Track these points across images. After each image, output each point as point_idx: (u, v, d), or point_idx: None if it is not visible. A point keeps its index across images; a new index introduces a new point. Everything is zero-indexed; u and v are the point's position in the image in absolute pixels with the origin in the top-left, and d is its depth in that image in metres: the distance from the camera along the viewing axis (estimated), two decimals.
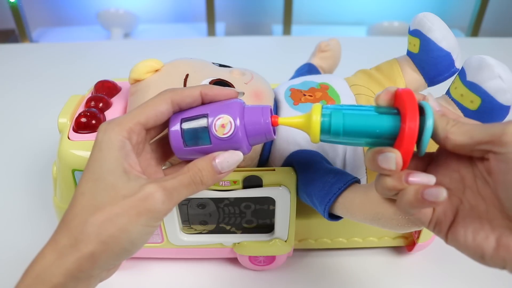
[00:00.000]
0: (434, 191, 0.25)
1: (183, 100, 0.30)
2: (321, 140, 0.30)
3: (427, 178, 0.27)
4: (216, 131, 0.30)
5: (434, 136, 0.27)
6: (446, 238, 0.28)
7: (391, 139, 0.28)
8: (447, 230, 0.27)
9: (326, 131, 0.29)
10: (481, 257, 0.26)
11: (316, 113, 0.29)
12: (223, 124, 0.30)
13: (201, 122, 0.30)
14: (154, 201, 0.27)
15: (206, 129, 0.30)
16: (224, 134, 0.30)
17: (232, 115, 0.30)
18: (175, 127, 0.30)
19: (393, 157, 0.27)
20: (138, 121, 0.29)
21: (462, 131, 0.26)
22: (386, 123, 0.28)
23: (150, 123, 0.29)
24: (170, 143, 0.31)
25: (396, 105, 0.29)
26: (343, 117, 0.29)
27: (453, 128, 0.27)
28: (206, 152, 0.30)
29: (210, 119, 0.30)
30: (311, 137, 0.30)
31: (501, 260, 0.25)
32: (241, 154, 0.30)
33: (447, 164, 0.29)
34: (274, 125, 0.31)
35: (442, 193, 0.25)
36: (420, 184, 0.26)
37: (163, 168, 0.33)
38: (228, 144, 0.30)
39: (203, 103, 0.31)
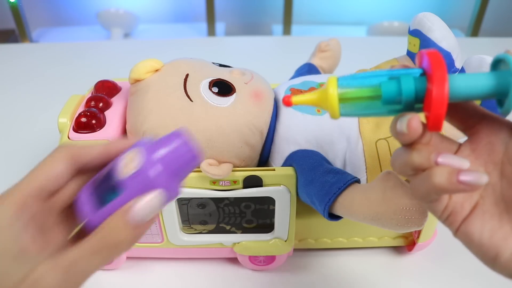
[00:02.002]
0: (474, 175, 0.22)
1: (82, 158, 0.26)
2: (341, 115, 0.27)
3: (460, 162, 0.24)
4: (121, 173, 0.24)
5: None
6: (457, 231, 0.26)
7: (416, 103, 0.25)
8: (460, 222, 0.25)
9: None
10: (493, 258, 0.24)
11: (332, 86, 0.26)
12: (126, 163, 0.24)
13: (105, 175, 0.25)
14: (44, 285, 0.23)
15: (111, 179, 0.25)
16: (130, 171, 0.24)
17: (134, 148, 0.25)
18: (77, 195, 0.26)
19: (406, 118, 0.24)
20: (31, 190, 0.24)
21: None
22: (409, 85, 0.25)
23: (47, 189, 0.25)
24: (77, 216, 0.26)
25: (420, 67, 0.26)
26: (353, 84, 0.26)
27: None
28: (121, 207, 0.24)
29: (113, 168, 0.25)
30: (330, 112, 0.27)
31: None
32: (161, 193, 0.24)
33: (480, 151, 0.26)
34: (288, 105, 0.28)
35: (483, 178, 0.22)
36: (451, 166, 0.23)
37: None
38: (141, 184, 0.24)
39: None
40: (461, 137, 0.29)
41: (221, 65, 0.46)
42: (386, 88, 0.26)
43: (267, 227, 0.45)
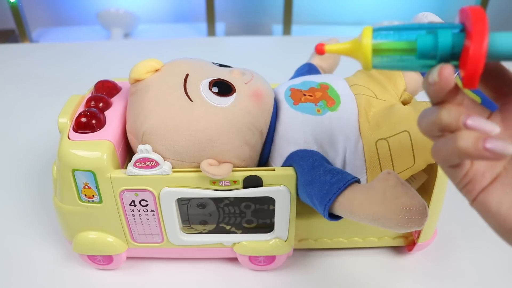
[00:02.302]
0: (501, 144, 0.21)
1: None
2: (373, 66, 0.27)
3: (490, 126, 0.23)
4: None
5: None
6: (474, 200, 0.25)
7: (452, 60, 0.25)
8: (478, 192, 0.25)
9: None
10: (510, 230, 0.23)
11: (366, 36, 0.26)
12: None
13: None
14: None
15: None
16: None
17: None
18: None
19: (438, 67, 0.23)
20: None
21: None
22: (446, 39, 0.24)
23: None
24: None
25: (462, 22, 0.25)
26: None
27: None
28: None
29: None
30: (363, 62, 0.26)
31: None
32: None
33: (510, 122, 0.25)
34: (321, 53, 0.28)
35: (510, 148, 0.21)
36: (480, 130, 0.23)
37: None
38: None
39: None
40: None
41: (221, 65, 0.46)
42: (422, 41, 0.25)
43: (267, 227, 0.45)
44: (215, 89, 0.41)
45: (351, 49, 0.27)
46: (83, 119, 0.42)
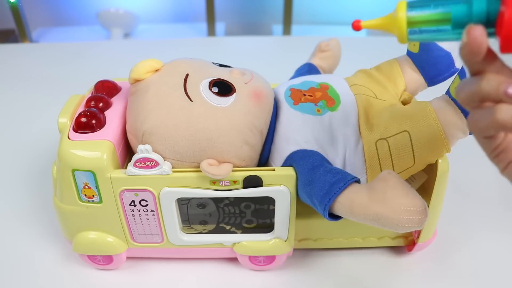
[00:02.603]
0: None
1: None
2: (409, 40, 0.28)
3: None
4: None
5: None
6: (505, 169, 0.25)
7: (488, 28, 0.25)
8: (509, 161, 0.25)
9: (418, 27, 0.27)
10: None
11: (401, 10, 0.27)
12: None
13: None
14: None
15: None
16: None
17: None
18: None
19: (466, 28, 0.23)
20: None
21: None
22: (480, 6, 0.24)
23: None
24: None
25: None
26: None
27: None
28: None
29: None
30: (398, 36, 0.27)
31: None
32: None
33: None
34: (358, 29, 0.29)
35: None
36: None
37: None
38: None
39: None
40: None
41: (221, 65, 0.46)
42: (456, 10, 0.25)
43: (267, 227, 0.45)
44: (215, 89, 0.41)
45: (386, 23, 0.28)
46: (83, 119, 0.42)
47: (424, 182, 0.46)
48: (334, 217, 0.37)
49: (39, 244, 0.51)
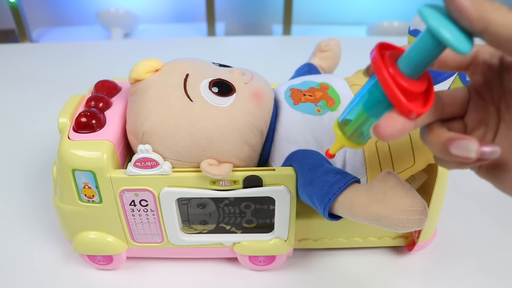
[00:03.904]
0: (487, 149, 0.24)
1: None
2: (363, 142, 0.31)
3: (467, 153, 0.25)
4: None
5: (470, 26, 0.22)
6: (478, 171, 0.28)
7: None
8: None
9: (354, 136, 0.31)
10: None
11: (336, 130, 0.32)
12: None
13: None
14: None
15: None
16: None
17: None
18: None
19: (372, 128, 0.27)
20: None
21: (507, 21, 0.21)
22: (375, 95, 0.28)
23: None
24: None
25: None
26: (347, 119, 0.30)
27: (495, 14, 0.21)
28: None
29: None
30: (351, 147, 0.32)
31: None
32: None
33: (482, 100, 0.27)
34: (331, 157, 0.34)
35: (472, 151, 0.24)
36: (461, 157, 0.25)
37: None
38: None
39: None
40: None
41: (221, 65, 0.46)
42: (365, 105, 0.29)
43: (267, 227, 0.45)
44: (215, 89, 0.41)
45: (339, 142, 0.32)
46: (83, 119, 0.42)
47: (424, 182, 0.46)
48: (334, 217, 0.37)
49: (39, 244, 0.51)
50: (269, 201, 0.43)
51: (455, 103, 0.29)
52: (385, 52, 0.26)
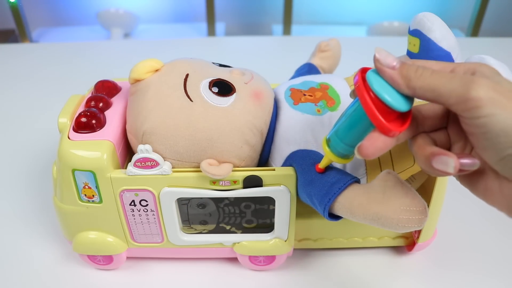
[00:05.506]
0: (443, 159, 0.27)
1: None
2: (353, 157, 0.34)
3: (448, 168, 0.27)
4: None
5: (402, 92, 0.28)
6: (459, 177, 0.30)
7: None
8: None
9: (340, 156, 0.34)
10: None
11: (324, 146, 0.35)
12: None
13: None
14: None
15: None
16: None
17: None
18: None
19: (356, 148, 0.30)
20: None
21: (425, 83, 0.27)
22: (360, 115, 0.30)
23: None
24: None
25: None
26: (338, 138, 0.33)
27: (419, 82, 0.27)
28: None
29: None
30: (338, 162, 0.35)
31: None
32: None
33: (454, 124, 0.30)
34: (321, 171, 0.37)
35: (451, 165, 0.26)
36: (441, 171, 0.27)
37: None
38: None
39: None
40: None
41: (221, 65, 0.46)
42: (350, 127, 0.32)
43: (267, 227, 0.45)
44: (215, 89, 0.41)
45: (327, 158, 0.35)
46: (83, 119, 0.42)
47: (424, 182, 0.46)
48: (334, 217, 0.37)
49: (39, 244, 0.51)
50: (269, 201, 0.43)
51: (435, 116, 0.31)
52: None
